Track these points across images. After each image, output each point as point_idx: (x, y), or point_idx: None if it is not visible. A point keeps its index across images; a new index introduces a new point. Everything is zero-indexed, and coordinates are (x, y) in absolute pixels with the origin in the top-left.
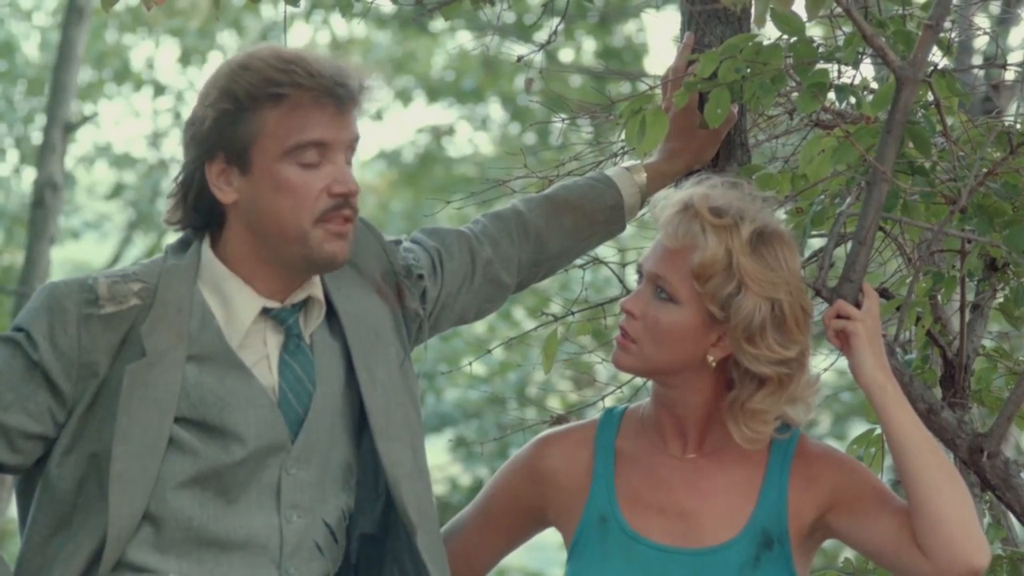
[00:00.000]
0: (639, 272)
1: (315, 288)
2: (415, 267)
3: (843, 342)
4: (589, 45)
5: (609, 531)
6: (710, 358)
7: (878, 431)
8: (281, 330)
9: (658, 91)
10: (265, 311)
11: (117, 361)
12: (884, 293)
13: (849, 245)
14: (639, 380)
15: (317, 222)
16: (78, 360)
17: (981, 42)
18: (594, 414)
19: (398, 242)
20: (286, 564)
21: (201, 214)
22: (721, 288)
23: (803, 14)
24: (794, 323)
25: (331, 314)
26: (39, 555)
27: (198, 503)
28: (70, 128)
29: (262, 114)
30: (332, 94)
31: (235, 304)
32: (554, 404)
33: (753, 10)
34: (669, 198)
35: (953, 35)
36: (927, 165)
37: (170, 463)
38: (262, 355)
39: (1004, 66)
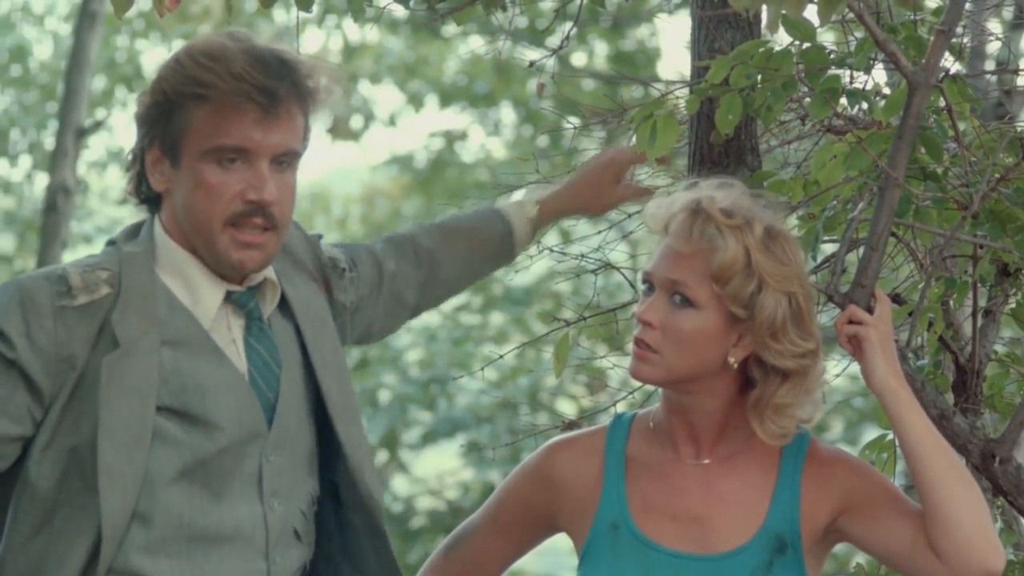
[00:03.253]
0: (647, 282)
1: (269, 270)
2: (338, 260)
3: (855, 347)
4: (601, 49)
5: (621, 538)
6: (731, 359)
7: (890, 436)
8: (241, 314)
9: (670, 97)
10: (227, 295)
11: (93, 353)
12: (896, 298)
13: (861, 250)
14: (650, 386)
15: (227, 226)
16: (55, 355)
17: (993, 47)
18: (607, 419)
19: (319, 236)
20: (272, 554)
21: (139, 196)
22: (743, 288)
23: (815, 20)
24: (808, 315)
25: (281, 299)
26: (22, 554)
27: (187, 497)
28: (82, 133)
29: (190, 110)
30: (252, 99)
31: (200, 288)
32: (566, 409)
33: (764, 16)
34: (667, 206)
35: (965, 40)
36: (939, 171)
37: (156, 458)
38: (229, 339)
39: (1016, 71)
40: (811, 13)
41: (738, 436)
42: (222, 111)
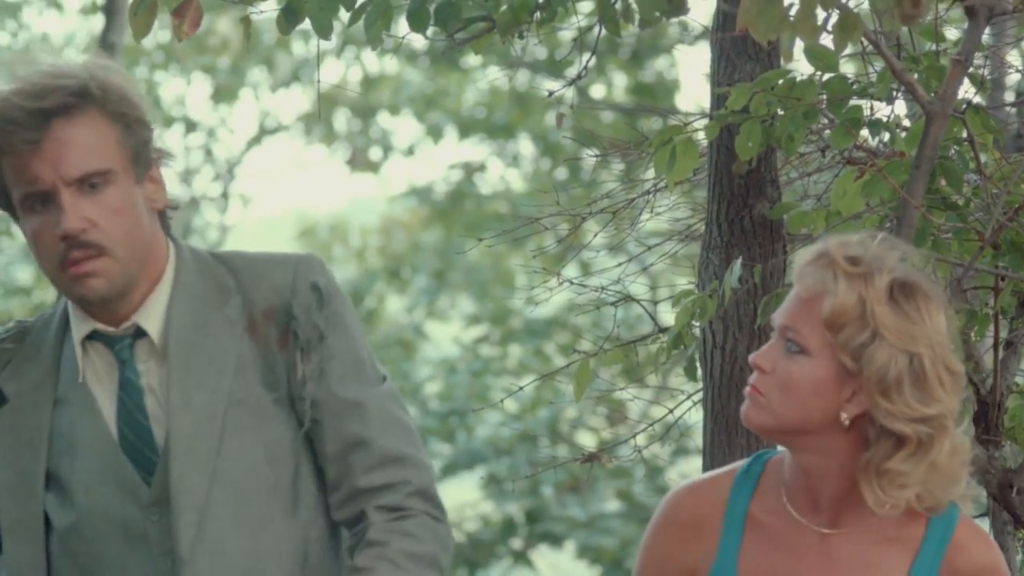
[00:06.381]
0: (771, 327)
1: (146, 318)
2: (305, 338)
3: None
4: (620, 81)
5: None
6: (843, 415)
7: None
8: (117, 362)
9: (690, 124)
10: (98, 337)
11: None
12: None
13: None
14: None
15: (61, 268)
16: None
17: (1013, 79)
18: (626, 451)
19: (320, 293)
20: None
21: None
22: (854, 337)
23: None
24: (936, 380)
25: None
26: None
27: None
28: None
29: (2, 166)
30: (21, 138)
31: (74, 331)
32: (586, 441)
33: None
34: (805, 254)
35: (985, 72)
36: (960, 201)
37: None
38: (109, 391)
39: None
40: (828, 41)
41: (868, 507)
42: (12, 160)
